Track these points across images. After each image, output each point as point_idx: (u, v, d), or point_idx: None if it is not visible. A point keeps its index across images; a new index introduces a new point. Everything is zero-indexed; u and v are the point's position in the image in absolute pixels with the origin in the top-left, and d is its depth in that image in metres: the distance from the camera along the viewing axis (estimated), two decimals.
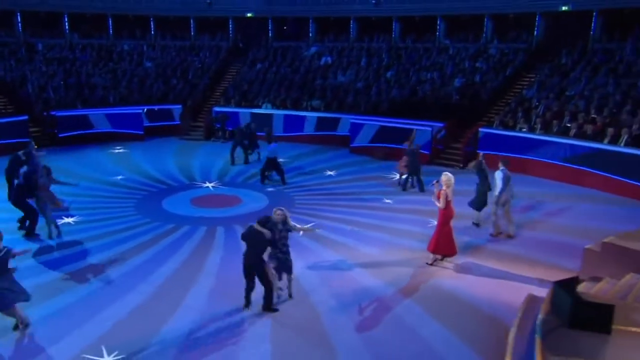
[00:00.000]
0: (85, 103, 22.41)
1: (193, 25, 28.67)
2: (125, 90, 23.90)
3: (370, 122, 19.85)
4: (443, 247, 9.98)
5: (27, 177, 11.16)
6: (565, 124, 16.33)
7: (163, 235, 11.56)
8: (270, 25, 28.19)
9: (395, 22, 25.60)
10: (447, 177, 9.82)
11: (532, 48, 22.42)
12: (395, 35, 25.74)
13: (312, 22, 27.37)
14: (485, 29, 23.54)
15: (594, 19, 20.86)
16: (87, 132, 21.39)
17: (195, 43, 28.62)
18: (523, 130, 17.11)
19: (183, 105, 23.63)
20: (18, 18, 25.81)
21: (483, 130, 18.02)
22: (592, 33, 20.95)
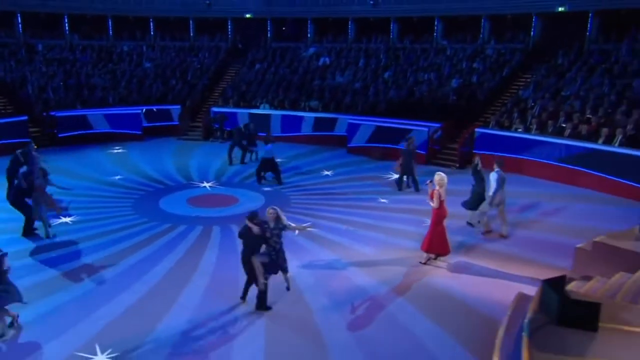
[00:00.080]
0: (85, 103, 22.47)
1: (192, 26, 28.72)
2: (125, 91, 23.97)
3: (367, 122, 19.91)
4: (436, 246, 10.06)
5: (24, 178, 11.25)
6: (561, 124, 16.34)
7: (159, 235, 11.63)
8: (269, 26, 28.22)
9: (393, 22, 25.63)
10: (440, 176, 9.90)
11: (528, 48, 22.46)
12: (393, 36, 25.77)
13: (310, 23, 27.40)
14: (483, 30, 23.57)
15: (590, 20, 20.87)
16: (86, 132, 21.46)
17: (195, 44, 28.67)
18: (519, 131, 17.14)
19: (182, 106, 23.68)
20: (18, 19, 25.87)
21: (479, 131, 18.07)
22: (588, 34, 20.96)
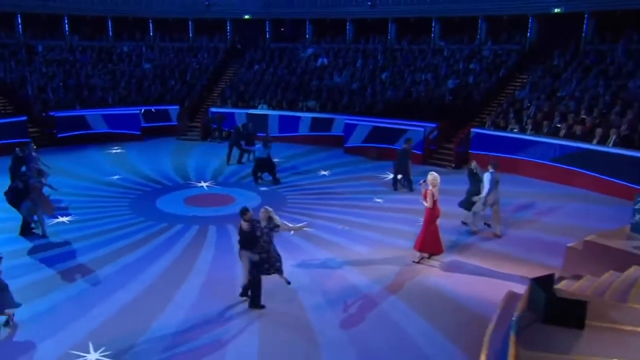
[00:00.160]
0: (84, 104, 22.59)
1: (191, 27, 28.82)
2: (124, 91, 24.08)
3: (364, 122, 20.01)
4: (429, 245, 10.16)
5: (19, 178, 11.38)
6: (556, 125, 16.43)
7: (156, 234, 11.72)
8: (268, 27, 28.31)
9: (391, 23, 25.71)
10: (432, 176, 10.02)
11: (525, 49, 22.54)
12: (391, 37, 25.85)
13: (308, 23, 27.48)
14: (480, 31, 23.65)
15: (586, 21, 20.92)
16: (85, 132, 21.59)
17: (194, 44, 28.77)
18: (514, 131, 17.24)
19: (180, 106, 23.79)
20: (18, 20, 25.97)
21: (475, 131, 18.18)
22: (584, 35, 21.03)
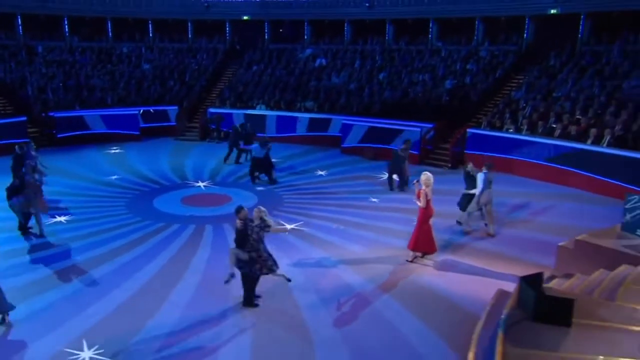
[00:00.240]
0: (84, 104, 22.70)
1: (191, 28, 28.94)
2: (123, 92, 24.19)
3: (360, 122, 20.11)
4: (423, 244, 10.25)
5: (16, 175, 11.49)
6: (551, 125, 16.52)
7: (152, 234, 11.80)
8: (267, 28, 28.42)
9: (389, 24, 25.82)
10: (426, 176, 10.11)
11: (521, 50, 22.67)
12: (389, 38, 25.97)
13: (307, 24, 27.59)
14: (477, 32, 23.78)
15: (582, 22, 21.04)
16: (85, 132, 21.68)
17: (193, 45, 28.88)
18: (510, 131, 17.33)
19: (179, 107, 23.89)
20: (19, 21, 26.11)
21: (471, 131, 18.28)
22: (580, 36, 21.15)
